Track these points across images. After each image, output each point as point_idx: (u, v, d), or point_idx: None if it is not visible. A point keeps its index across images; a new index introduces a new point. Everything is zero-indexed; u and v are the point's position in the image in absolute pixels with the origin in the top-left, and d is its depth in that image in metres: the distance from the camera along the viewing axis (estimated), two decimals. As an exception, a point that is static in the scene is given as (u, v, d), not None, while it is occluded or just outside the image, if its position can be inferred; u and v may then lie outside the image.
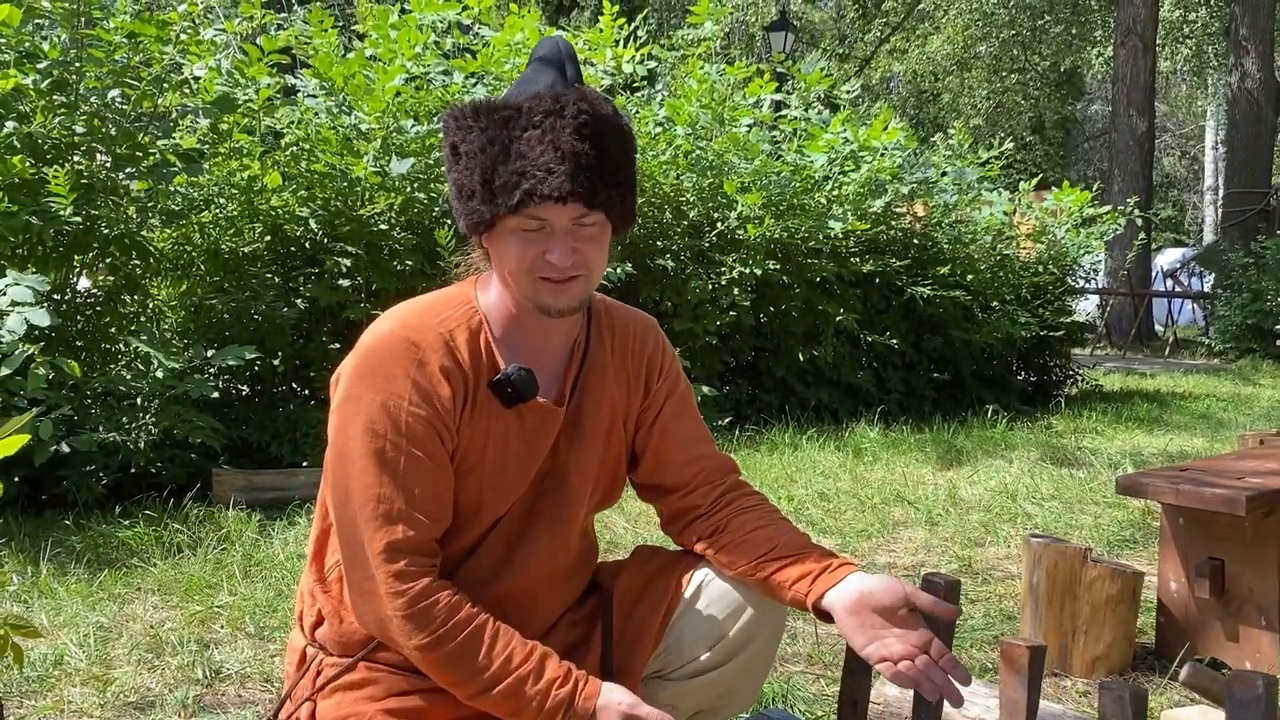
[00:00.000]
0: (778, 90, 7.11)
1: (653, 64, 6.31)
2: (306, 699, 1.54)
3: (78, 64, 4.26)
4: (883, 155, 7.05)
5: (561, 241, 1.43)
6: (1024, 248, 8.35)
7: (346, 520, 1.44)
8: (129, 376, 4.35)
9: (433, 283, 5.18)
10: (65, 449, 3.94)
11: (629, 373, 1.64)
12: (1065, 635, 2.59)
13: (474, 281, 1.58)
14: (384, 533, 1.41)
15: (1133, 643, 2.64)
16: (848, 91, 7.54)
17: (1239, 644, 2.57)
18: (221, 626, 2.85)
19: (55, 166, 4.11)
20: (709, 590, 1.60)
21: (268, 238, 5.16)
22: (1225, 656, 2.59)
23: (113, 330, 4.64)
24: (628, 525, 3.97)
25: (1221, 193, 18.25)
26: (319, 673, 1.54)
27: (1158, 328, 16.95)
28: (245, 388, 5.07)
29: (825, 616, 1.48)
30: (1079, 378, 9.06)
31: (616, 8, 6.06)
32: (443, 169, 1.45)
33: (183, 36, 4.56)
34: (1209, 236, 25.48)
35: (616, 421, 1.63)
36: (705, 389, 5.79)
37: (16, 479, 3.96)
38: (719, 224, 6.45)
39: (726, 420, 6.12)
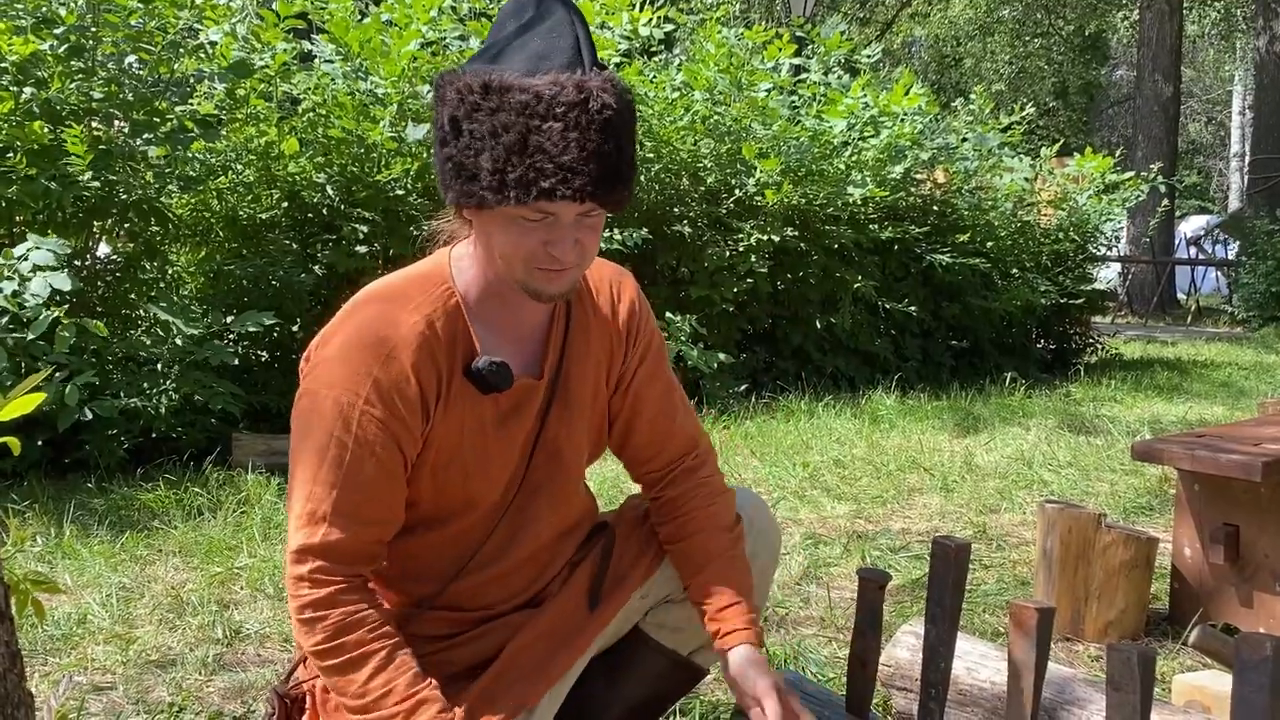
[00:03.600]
0: (797, 54, 7.05)
1: (670, 27, 6.25)
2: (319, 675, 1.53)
3: (94, 29, 4.26)
4: (903, 121, 6.98)
5: (567, 235, 1.35)
6: (1045, 214, 8.28)
7: (288, 519, 1.42)
8: (149, 342, 4.39)
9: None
10: (88, 414, 3.99)
11: (611, 330, 1.59)
12: (1078, 600, 2.59)
13: (448, 255, 1.50)
14: (303, 533, 1.37)
15: (1146, 608, 2.64)
16: (868, 56, 7.46)
17: (1253, 610, 2.56)
18: (241, 587, 2.90)
19: (72, 128, 4.12)
20: None
21: (285, 204, 5.17)
22: (1239, 622, 2.59)
23: (132, 296, 4.68)
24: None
25: (1248, 159, 17.99)
26: None
27: (1180, 296, 16.79)
28: (264, 354, 5.10)
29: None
30: (1099, 346, 9.00)
31: (633, -29, 6.01)
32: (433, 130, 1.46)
33: (197, 1, 4.56)
34: (1234, 203, 25.15)
35: (600, 381, 1.60)
36: (721, 356, 5.79)
37: (40, 442, 4.02)
38: (737, 190, 6.41)
39: (743, 387, 6.12)
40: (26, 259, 3.92)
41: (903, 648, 2.10)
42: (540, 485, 1.56)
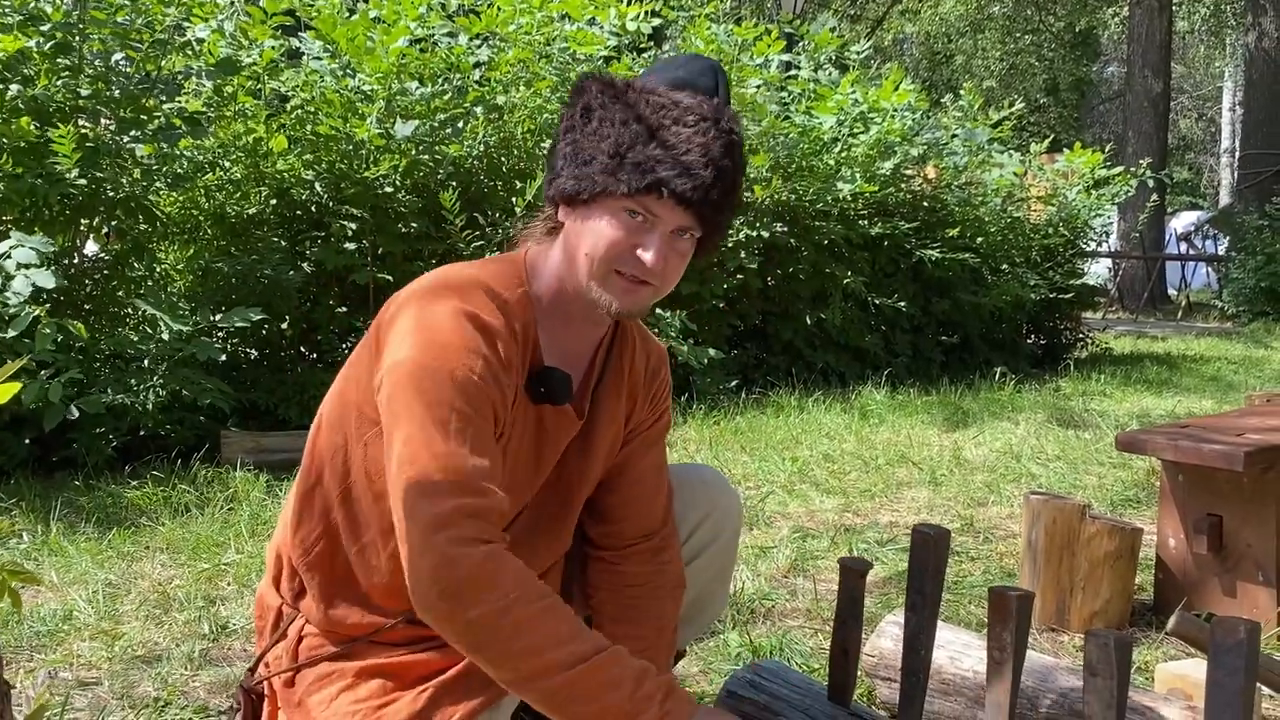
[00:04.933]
0: (786, 51, 7.04)
1: (658, 23, 6.24)
2: (288, 670, 1.50)
3: (81, 26, 4.25)
4: (892, 117, 6.99)
5: (660, 243, 1.36)
6: (1034, 210, 8.29)
7: (404, 490, 1.26)
8: (137, 339, 4.38)
9: (438, 245, 5.20)
10: (74, 411, 3.98)
11: (640, 388, 1.59)
12: (1063, 591, 2.60)
13: (523, 258, 1.47)
14: (452, 498, 1.24)
15: (1131, 598, 2.65)
16: (858, 52, 7.47)
17: (1236, 599, 2.58)
18: (228, 584, 2.89)
19: (60, 126, 4.11)
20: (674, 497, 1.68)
21: (273, 201, 5.16)
22: (1222, 611, 2.60)
23: (120, 294, 4.67)
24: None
25: (1238, 155, 18.04)
26: (300, 639, 1.50)
27: (1170, 291, 16.84)
28: (253, 351, 5.09)
29: None
30: (1089, 341, 9.02)
31: (622, -33, 6.00)
32: (556, 129, 1.46)
33: (184, -2, 4.55)
34: (1225, 199, 25.22)
35: (619, 432, 1.58)
36: (711, 352, 5.80)
37: (27, 440, 4.01)
38: (726, 186, 6.41)
39: (733, 383, 6.12)
40: (9, 257, 3.91)
41: (887, 638, 2.11)
42: (539, 523, 1.53)
